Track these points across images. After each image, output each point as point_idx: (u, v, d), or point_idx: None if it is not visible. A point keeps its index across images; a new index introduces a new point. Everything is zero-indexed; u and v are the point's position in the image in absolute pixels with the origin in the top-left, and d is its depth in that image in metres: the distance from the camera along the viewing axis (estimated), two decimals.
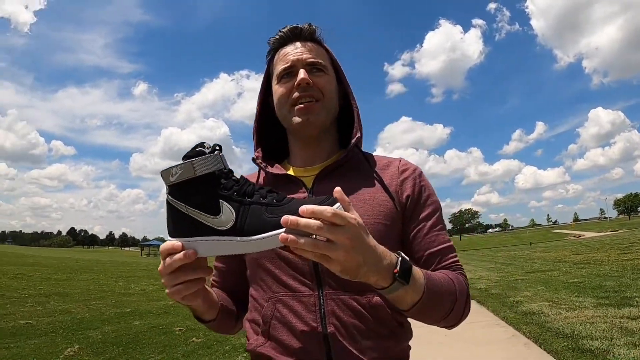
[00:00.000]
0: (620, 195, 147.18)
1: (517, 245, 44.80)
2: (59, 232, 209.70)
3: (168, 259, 0.69)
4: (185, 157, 0.68)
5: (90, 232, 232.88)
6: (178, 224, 0.70)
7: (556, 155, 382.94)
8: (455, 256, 0.96)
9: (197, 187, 0.67)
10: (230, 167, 0.71)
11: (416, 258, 0.94)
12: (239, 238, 0.66)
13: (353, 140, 1.00)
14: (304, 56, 0.98)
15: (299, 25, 1.01)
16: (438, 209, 1.00)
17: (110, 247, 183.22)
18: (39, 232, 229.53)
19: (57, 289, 10.68)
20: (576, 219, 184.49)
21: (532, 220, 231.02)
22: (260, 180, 1.06)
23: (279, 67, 1.00)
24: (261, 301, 0.92)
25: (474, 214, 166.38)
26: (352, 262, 0.64)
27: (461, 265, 0.96)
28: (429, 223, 0.96)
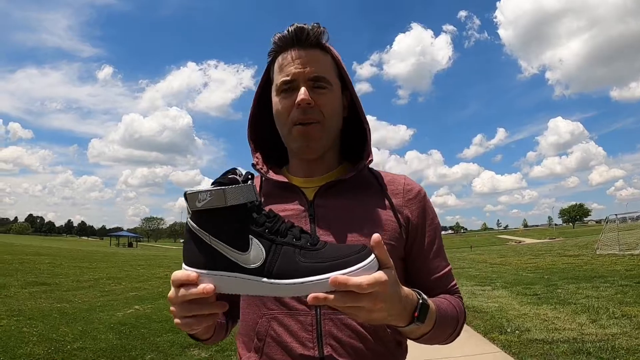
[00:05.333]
0: (565, 205, 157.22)
1: (461, 247, 49.65)
2: (16, 219, 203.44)
3: (182, 290, 0.64)
4: (215, 183, 0.64)
5: (47, 220, 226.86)
6: (196, 253, 0.65)
7: (514, 161, 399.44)
8: (454, 280, 0.98)
9: (225, 218, 0.63)
10: (192, 158, 0.90)
11: (419, 282, 0.94)
12: (265, 280, 0.62)
13: (365, 163, 0.97)
14: (307, 69, 0.90)
15: (305, 27, 0.91)
16: (439, 232, 1.00)
17: (67, 236, 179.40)
18: None
19: (106, 274, 13.39)
20: (525, 225, 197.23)
21: (485, 224, 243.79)
22: (259, 186, 1.03)
23: (278, 77, 0.93)
24: (255, 317, 0.90)
25: None
26: (377, 317, 0.64)
27: (459, 289, 0.98)
28: (434, 248, 0.96)
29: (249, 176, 0.66)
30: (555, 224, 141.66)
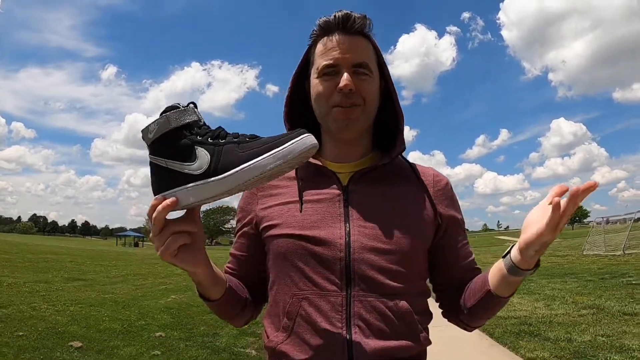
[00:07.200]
0: None
1: None
2: (19, 218, 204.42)
3: (154, 214, 0.69)
4: (161, 114, 0.69)
5: (48, 219, 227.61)
6: (159, 180, 0.71)
7: (517, 162, 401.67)
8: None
9: (173, 139, 0.69)
10: None
11: (452, 268, 1.01)
12: (212, 179, 0.66)
13: (398, 150, 0.99)
14: (349, 55, 0.92)
15: (351, 14, 0.93)
16: (463, 221, 1.04)
17: (70, 235, 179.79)
18: None
19: (129, 271, 14.15)
20: None
21: (485, 225, 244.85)
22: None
23: (321, 60, 0.94)
24: (285, 297, 0.91)
25: None
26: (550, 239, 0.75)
27: None
28: (461, 237, 1.01)
29: (190, 103, 0.72)
30: None
